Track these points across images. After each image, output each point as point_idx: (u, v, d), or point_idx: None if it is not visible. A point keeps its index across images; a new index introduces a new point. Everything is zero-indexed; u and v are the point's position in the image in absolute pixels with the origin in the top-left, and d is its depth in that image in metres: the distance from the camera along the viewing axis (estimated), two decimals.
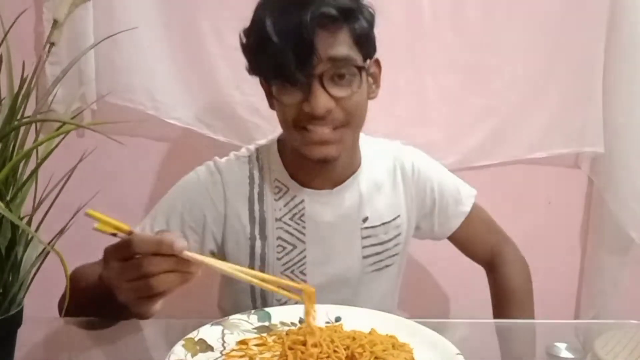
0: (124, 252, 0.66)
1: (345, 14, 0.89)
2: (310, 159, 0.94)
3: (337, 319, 0.81)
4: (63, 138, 0.60)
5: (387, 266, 1.06)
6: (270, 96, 0.97)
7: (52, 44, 0.65)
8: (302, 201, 1.01)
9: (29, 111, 0.63)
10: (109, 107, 1.31)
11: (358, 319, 0.80)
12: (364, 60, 0.94)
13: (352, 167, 1.05)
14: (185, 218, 0.99)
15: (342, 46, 0.89)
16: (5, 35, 0.60)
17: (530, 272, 1.18)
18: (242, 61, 1.43)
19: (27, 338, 0.68)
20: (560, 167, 1.53)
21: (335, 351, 0.69)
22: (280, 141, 1.05)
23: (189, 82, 1.37)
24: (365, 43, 0.93)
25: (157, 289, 0.66)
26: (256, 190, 1.01)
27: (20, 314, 0.63)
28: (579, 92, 1.46)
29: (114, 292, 0.69)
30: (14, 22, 0.63)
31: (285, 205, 1.01)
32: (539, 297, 1.16)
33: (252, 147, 1.07)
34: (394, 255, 1.07)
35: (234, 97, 1.38)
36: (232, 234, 1.01)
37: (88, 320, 0.83)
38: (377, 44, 0.97)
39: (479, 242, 1.17)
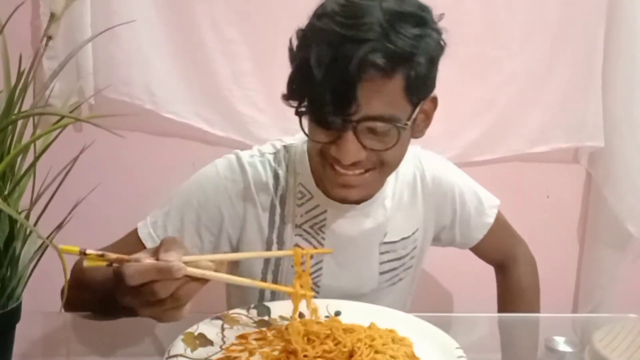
0: (127, 283, 0.61)
1: (399, 61, 0.76)
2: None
3: (337, 313, 0.81)
4: (61, 131, 0.59)
5: (400, 280, 1.02)
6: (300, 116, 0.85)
7: (50, 38, 0.65)
8: (325, 212, 0.94)
9: (26, 105, 0.62)
10: (106, 102, 1.30)
11: (357, 313, 0.80)
12: (416, 106, 0.82)
13: None
14: (202, 216, 0.92)
15: (386, 105, 0.77)
16: (2, 29, 0.60)
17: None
18: (240, 55, 1.44)
19: (25, 333, 0.68)
20: (558, 162, 1.54)
21: (338, 342, 0.69)
22: (310, 142, 0.94)
23: (187, 76, 1.36)
24: (421, 88, 0.81)
25: (177, 303, 0.63)
26: (279, 193, 0.94)
27: (18, 309, 0.63)
28: (579, 86, 1.46)
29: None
30: (10, 15, 0.62)
31: (307, 213, 0.94)
32: None
33: (278, 144, 0.98)
34: (408, 269, 1.03)
35: (232, 92, 1.37)
36: (248, 237, 0.95)
37: (87, 315, 0.83)
38: None
39: (496, 249, 1.13)
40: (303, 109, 0.81)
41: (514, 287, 1.13)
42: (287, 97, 0.82)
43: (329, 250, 0.90)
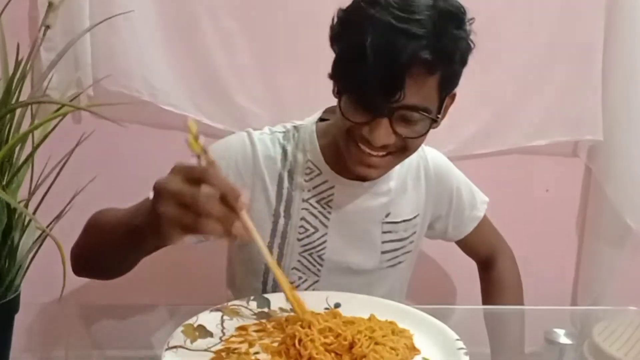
0: (194, 175, 0.61)
1: (443, 59, 0.81)
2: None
3: (337, 305, 0.81)
4: (60, 121, 0.59)
5: (400, 262, 1.06)
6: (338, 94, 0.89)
7: (47, 27, 0.64)
8: (332, 187, 0.99)
9: (24, 97, 0.62)
10: (105, 94, 1.29)
11: (357, 306, 0.80)
12: (443, 100, 0.88)
13: None
14: None
15: (424, 97, 0.83)
16: None
17: (524, 264, 1.19)
18: (239, 47, 1.43)
19: (24, 324, 0.68)
20: (558, 156, 1.53)
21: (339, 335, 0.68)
22: (319, 124, 1.01)
23: (186, 68, 1.35)
24: (451, 85, 0.88)
25: (198, 227, 0.61)
26: (287, 167, 0.99)
27: (17, 299, 0.62)
28: (578, 80, 1.45)
29: (154, 205, 0.62)
30: (7, 4, 0.62)
31: (314, 188, 0.99)
32: (536, 284, 1.16)
33: (289, 124, 1.03)
34: (407, 253, 1.07)
35: (231, 84, 1.36)
36: (256, 209, 0.98)
37: (86, 305, 0.82)
38: None
39: (481, 244, 1.19)
40: (346, 89, 0.86)
41: (498, 282, 1.18)
42: (332, 76, 0.87)
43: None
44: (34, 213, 0.61)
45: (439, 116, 0.88)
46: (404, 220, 1.05)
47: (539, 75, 1.45)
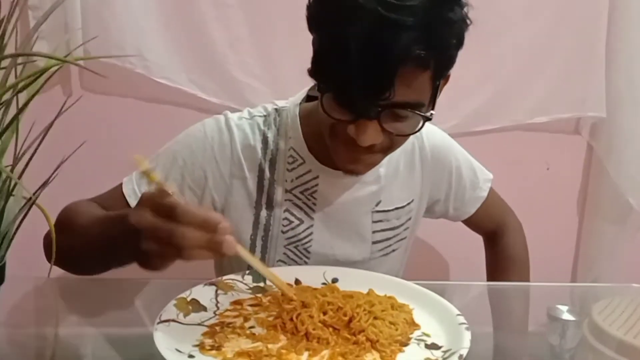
0: (165, 211, 0.57)
1: (436, 50, 0.72)
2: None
3: (334, 280, 0.79)
4: (49, 77, 0.56)
5: (393, 251, 1.01)
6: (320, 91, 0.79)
7: None
8: (317, 177, 0.92)
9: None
10: (96, 66, 1.26)
11: (355, 281, 0.78)
12: (436, 89, 0.78)
13: None
14: (186, 176, 0.90)
15: (416, 93, 0.74)
16: None
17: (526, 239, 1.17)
18: (235, 20, 1.39)
19: (10, 297, 0.65)
20: (559, 133, 1.51)
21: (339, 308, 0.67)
22: (303, 106, 0.93)
23: (180, 41, 1.31)
24: (446, 70, 0.78)
25: (182, 257, 0.58)
26: (268, 156, 0.92)
27: (2, 270, 0.60)
28: (581, 56, 1.43)
29: (132, 235, 0.59)
30: None
31: (297, 178, 0.92)
32: (535, 262, 1.15)
33: (270, 106, 0.95)
34: (401, 240, 1.01)
35: (228, 57, 1.33)
36: (235, 200, 0.92)
37: (76, 278, 0.80)
38: None
39: (487, 220, 1.13)
40: (328, 87, 0.76)
41: (504, 257, 1.13)
42: (311, 73, 0.77)
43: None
44: (20, 176, 0.58)
45: (433, 112, 0.78)
46: (397, 208, 0.98)
47: (541, 51, 1.42)
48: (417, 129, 0.79)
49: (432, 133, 1.02)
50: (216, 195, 0.92)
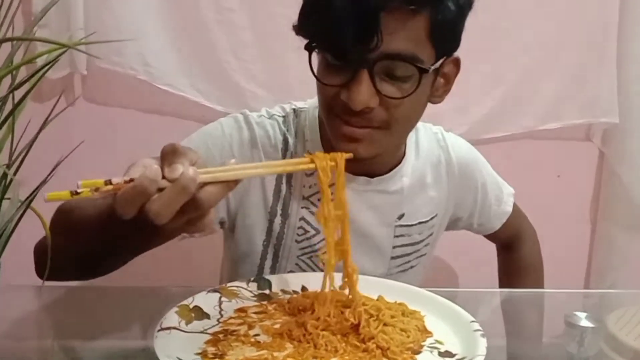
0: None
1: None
2: None
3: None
4: (50, 67, 0.53)
5: (412, 267, 0.96)
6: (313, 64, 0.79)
7: None
8: (334, 184, 0.90)
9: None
10: (98, 72, 1.25)
11: (365, 287, 0.75)
12: (439, 57, 0.75)
13: (396, 157, 0.90)
14: None
15: (408, 42, 0.71)
16: None
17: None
18: (239, 25, 1.38)
19: (3, 306, 0.63)
20: (570, 140, 1.50)
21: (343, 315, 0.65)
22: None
23: (183, 47, 1.31)
24: (446, 37, 0.75)
25: (200, 212, 0.53)
26: (288, 158, 0.87)
27: None
28: (593, 60, 1.41)
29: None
30: None
31: (315, 184, 0.86)
32: (548, 270, 1.14)
33: (288, 107, 0.91)
34: (421, 256, 0.97)
35: (230, 64, 1.32)
36: (250, 205, 0.88)
37: (73, 286, 0.77)
38: None
39: (505, 230, 1.08)
40: (314, 40, 0.74)
41: (521, 265, 1.11)
42: (298, 28, 0.75)
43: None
44: (15, 172, 0.56)
45: (430, 68, 0.73)
46: (420, 223, 0.93)
47: (551, 55, 1.41)
48: (413, 90, 0.74)
49: (458, 146, 0.98)
50: (232, 197, 0.87)
